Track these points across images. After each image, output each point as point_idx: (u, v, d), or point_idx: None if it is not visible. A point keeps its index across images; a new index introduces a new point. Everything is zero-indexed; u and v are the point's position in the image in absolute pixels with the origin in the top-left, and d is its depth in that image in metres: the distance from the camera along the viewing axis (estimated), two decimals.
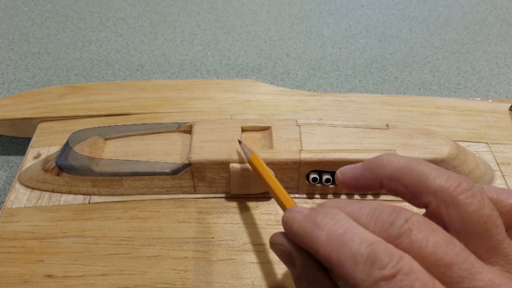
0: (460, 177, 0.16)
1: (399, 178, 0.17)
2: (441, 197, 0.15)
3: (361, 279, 0.14)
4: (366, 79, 0.48)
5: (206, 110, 0.36)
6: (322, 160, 0.27)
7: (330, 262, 0.15)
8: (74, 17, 0.57)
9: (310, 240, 0.16)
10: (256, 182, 0.28)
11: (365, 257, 0.14)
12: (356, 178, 0.19)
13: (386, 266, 0.13)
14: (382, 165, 0.18)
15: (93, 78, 0.47)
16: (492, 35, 0.54)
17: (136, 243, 0.27)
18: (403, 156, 0.17)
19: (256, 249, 0.26)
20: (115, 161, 0.29)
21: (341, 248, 0.15)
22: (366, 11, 0.59)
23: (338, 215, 0.16)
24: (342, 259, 0.14)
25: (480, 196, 0.15)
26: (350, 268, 0.14)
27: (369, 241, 0.14)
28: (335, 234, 0.15)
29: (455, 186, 0.15)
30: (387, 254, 0.14)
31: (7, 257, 0.26)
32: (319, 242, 0.15)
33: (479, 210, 0.15)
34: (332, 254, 0.15)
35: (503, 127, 0.35)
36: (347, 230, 0.15)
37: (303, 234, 0.16)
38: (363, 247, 0.14)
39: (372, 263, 0.14)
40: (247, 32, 0.55)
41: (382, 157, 0.18)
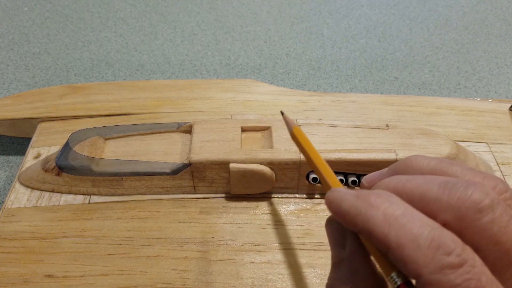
0: (496, 178, 0.15)
1: None
2: None
3: (424, 263, 0.13)
4: (366, 79, 0.48)
5: (206, 110, 0.36)
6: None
7: (386, 243, 0.14)
8: (74, 17, 0.57)
9: (364, 219, 0.15)
10: (256, 182, 0.28)
11: (429, 240, 0.13)
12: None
13: (452, 253, 0.13)
14: (411, 166, 0.17)
15: (93, 78, 0.47)
16: (492, 35, 0.54)
17: (136, 243, 0.27)
18: (432, 157, 0.17)
19: (256, 249, 0.26)
20: (115, 161, 0.29)
21: (401, 230, 0.14)
22: (366, 11, 0.59)
23: (392, 197, 0.15)
24: (402, 240, 0.13)
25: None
26: (411, 251, 0.13)
27: (431, 225, 0.13)
28: (393, 215, 0.14)
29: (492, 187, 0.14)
30: (452, 240, 0.13)
31: (7, 257, 0.26)
32: (375, 221, 0.14)
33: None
34: (390, 235, 0.14)
35: (503, 127, 0.35)
36: (406, 212, 0.14)
37: (355, 213, 0.15)
38: (426, 230, 0.13)
39: (437, 247, 0.13)
40: (247, 32, 0.55)
41: (410, 160, 0.17)
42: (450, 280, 0.12)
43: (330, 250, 0.17)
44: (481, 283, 0.12)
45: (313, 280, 0.25)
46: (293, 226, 0.28)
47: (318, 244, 0.27)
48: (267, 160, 0.27)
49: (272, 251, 0.26)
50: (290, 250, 0.26)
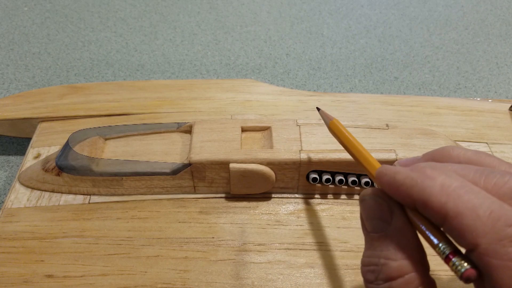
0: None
1: None
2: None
3: (483, 232, 0.13)
4: (366, 79, 0.48)
5: (206, 110, 0.36)
6: (322, 160, 0.27)
7: (444, 212, 0.14)
8: (74, 17, 0.57)
9: (421, 190, 0.14)
10: (256, 182, 0.28)
11: (490, 210, 0.13)
12: None
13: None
14: (449, 155, 0.17)
15: (93, 78, 0.47)
16: (492, 35, 0.54)
17: (136, 243, 0.27)
18: (468, 149, 0.17)
19: (256, 249, 0.26)
20: (115, 161, 0.29)
21: (459, 200, 0.13)
22: (366, 11, 0.59)
23: (448, 171, 0.15)
24: (461, 209, 0.13)
25: None
26: (470, 220, 0.13)
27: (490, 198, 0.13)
28: (451, 186, 0.14)
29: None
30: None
31: (7, 257, 0.26)
32: (432, 191, 0.14)
33: None
34: (448, 204, 0.14)
35: (503, 127, 0.35)
36: (464, 184, 0.14)
37: (412, 184, 0.15)
38: (486, 201, 0.13)
39: (498, 218, 0.13)
40: (247, 32, 0.55)
41: (447, 148, 0.17)
42: (509, 252, 0.12)
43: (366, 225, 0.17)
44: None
45: (313, 280, 0.25)
46: (293, 226, 0.28)
47: (318, 244, 0.27)
48: (267, 160, 0.27)
49: (272, 251, 0.26)
50: (290, 250, 0.26)
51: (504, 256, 0.12)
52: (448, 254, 0.14)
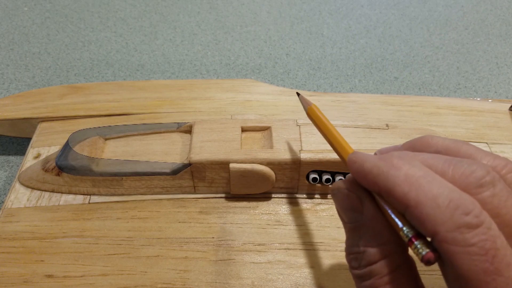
0: (506, 158, 0.16)
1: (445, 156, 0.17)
2: None
3: (442, 221, 0.13)
4: (366, 79, 0.48)
5: (206, 110, 0.36)
6: (322, 160, 0.27)
7: (406, 202, 0.14)
8: (74, 17, 0.57)
9: (385, 178, 0.15)
10: (256, 182, 0.28)
11: (449, 199, 0.13)
12: None
13: (471, 213, 0.13)
14: (427, 143, 0.17)
15: (93, 78, 0.47)
16: (492, 35, 0.54)
17: (136, 243, 0.27)
18: (446, 137, 0.17)
19: (256, 249, 0.26)
20: (115, 161, 0.29)
21: (421, 189, 0.14)
22: (366, 11, 0.59)
23: (414, 160, 0.15)
24: (422, 199, 0.14)
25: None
26: (430, 209, 0.14)
27: (450, 187, 0.14)
28: (414, 176, 0.14)
29: (503, 165, 0.15)
30: (471, 201, 0.13)
31: (7, 257, 0.26)
32: (396, 181, 0.15)
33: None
34: (410, 193, 0.14)
35: (503, 127, 0.35)
36: (427, 174, 0.14)
37: (377, 172, 0.15)
38: (445, 191, 0.14)
39: (456, 207, 0.13)
40: (247, 32, 0.55)
41: (426, 137, 0.18)
42: (466, 239, 0.13)
43: (342, 216, 0.18)
44: (496, 245, 0.13)
45: (313, 280, 0.25)
46: (293, 226, 0.28)
47: (318, 244, 0.27)
48: (267, 160, 0.27)
49: (272, 251, 0.26)
50: (290, 250, 0.26)
51: (462, 242, 0.13)
52: (411, 237, 0.14)
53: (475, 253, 0.13)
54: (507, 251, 0.13)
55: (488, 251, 0.13)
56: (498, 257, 0.13)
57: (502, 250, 0.13)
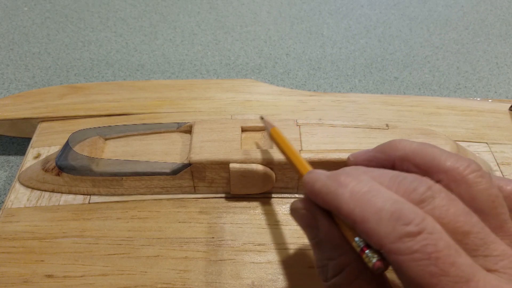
0: (469, 159, 0.17)
1: (411, 159, 0.18)
2: (452, 175, 0.16)
3: (385, 233, 0.14)
4: (366, 79, 0.48)
5: (206, 110, 0.36)
6: (322, 160, 0.27)
7: (352, 218, 0.15)
8: (74, 17, 0.57)
9: (333, 197, 0.16)
10: (256, 182, 0.28)
11: (390, 212, 0.14)
12: (368, 160, 0.19)
13: (411, 223, 0.14)
14: (395, 147, 0.18)
15: (93, 78, 0.47)
16: (492, 35, 0.54)
17: (136, 243, 0.27)
18: (414, 141, 0.18)
19: (256, 249, 0.26)
20: (115, 161, 0.29)
21: (365, 205, 0.15)
22: (366, 11, 0.59)
23: (362, 176, 0.16)
24: (366, 214, 0.15)
25: (488, 177, 0.16)
26: (374, 223, 0.14)
27: (394, 199, 0.15)
28: (359, 192, 0.15)
29: (465, 166, 0.16)
30: (412, 211, 0.14)
31: (7, 257, 0.26)
32: (342, 199, 0.16)
33: (487, 189, 0.16)
34: (355, 210, 0.15)
35: (503, 127, 0.35)
36: (371, 189, 0.15)
37: (326, 192, 0.16)
38: (387, 204, 0.15)
39: (397, 219, 0.14)
40: (247, 32, 0.55)
41: (395, 141, 0.19)
42: (408, 247, 0.14)
43: (305, 234, 0.19)
44: (437, 247, 0.13)
45: (313, 280, 0.25)
46: (293, 226, 0.28)
47: None
48: (267, 160, 0.27)
49: (272, 251, 0.26)
50: (290, 250, 0.26)
51: (406, 251, 0.14)
52: (362, 247, 0.15)
53: (419, 259, 0.13)
54: (450, 251, 0.13)
55: (431, 254, 0.13)
56: (442, 258, 0.13)
57: (445, 250, 0.13)
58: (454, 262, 0.13)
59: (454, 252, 0.14)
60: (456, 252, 0.14)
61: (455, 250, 0.14)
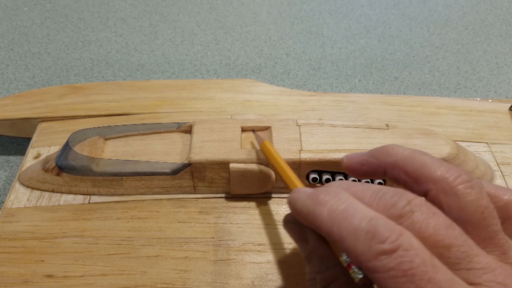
0: (460, 169, 0.16)
1: (402, 166, 0.18)
2: (441, 185, 0.16)
3: (362, 252, 0.14)
4: (366, 79, 0.48)
5: (206, 110, 0.36)
6: (322, 160, 0.27)
7: (332, 237, 0.15)
8: (74, 17, 0.57)
9: (313, 217, 0.16)
10: (256, 182, 0.28)
11: (366, 231, 0.14)
12: (361, 163, 0.20)
13: (386, 240, 0.14)
14: (388, 153, 0.18)
15: (93, 78, 0.47)
16: (492, 35, 0.54)
17: (136, 243, 0.27)
18: (408, 148, 0.18)
19: (256, 249, 0.26)
20: (115, 161, 0.29)
21: (342, 223, 0.15)
22: (366, 11, 0.59)
23: (340, 193, 0.16)
24: (343, 233, 0.15)
25: (478, 188, 0.16)
26: (351, 242, 0.14)
27: (370, 216, 0.15)
28: (336, 210, 0.15)
29: (455, 177, 0.16)
30: (387, 228, 0.14)
31: (7, 257, 0.26)
32: (321, 218, 0.16)
33: (477, 200, 0.16)
34: (333, 229, 0.15)
35: (503, 127, 0.35)
36: (348, 207, 0.15)
37: (306, 211, 0.17)
38: (363, 222, 0.15)
39: (372, 237, 0.14)
40: (247, 32, 0.55)
41: (388, 146, 0.19)
42: (384, 264, 0.14)
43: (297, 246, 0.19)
44: (413, 264, 0.13)
45: None
46: None
47: None
48: (267, 160, 0.27)
49: (272, 251, 0.26)
50: (290, 250, 0.26)
51: (382, 268, 0.14)
52: (349, 263, 0.15)
53: (395, 276, 0.13)
54: (427, 267, 0.13)
55: (407, 271, 0.13)
56: (418, 275, 0.13)
57: (421, 267, 0.13)
58: (431, 278, 0.13)
59: (430, 268, 0.13)
60: (433, 268, 0.13)
61: (432, 265, 0.14)
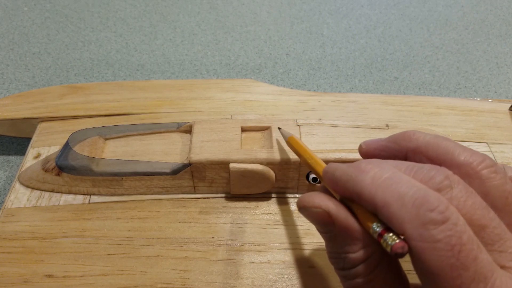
0: (484, 155, 0.16)
1: (424, 151, 0.17)
2: (465, 170, 0.16)
3: (409, 219, 0.14)
4: (366, 79, 0.48)
5: (206, 110, 0.36)
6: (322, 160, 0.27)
7: (374, 203, 0.15)
8: (74, 17, 0.57)
9: (354, 183, 0.16)
10: (256, 182, 0.28)
11: (414, 198, 0.14)
12: (380, 149, 0.19)
13: (436, 209, 0.13)
14: (409, 138, 0.18)
15: (93, 78, 0.47)
16: (492, 35, 0.54)
17: (136, 243, 0.27)
18: (429, 133, 0.18)
19: (256, 249, 0.26)
20: (115, 161, 0.29)
21: (388, 189, 0.15)
22: (366, 11, 0.59)
23: (382, 163, 0.16)
24: (389, 199, 0.14)
25: (503, 173, 0.16)
26: (396, 208, 0.14)
27: (417, 185, 0.14)
28: (381, 177, 0.15)
29: (479, 161, 0.16)
30: (437, 198, 0.14)
31: (7, 257, 0.26)
32: (363, 184, 0.15)
33: (501, 185, 0.15)
34: (377, 194, 0.15)
35: (503, 127, 0.35)
36: (393, 175, 0.15)
37: (347, 179, 0.16)
38: (411, 190, 0.14)
39: (421, 205, 0.14)
40: (247, 32, 0.55)
41: (409, 132, 0.18)
42: (432, 235, 0.13)
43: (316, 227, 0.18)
44: (461, 240, 0.13)
45: (314, 280, 0.25)
46: (293, 226, 0.28)
47: (318, 244, 0.27)
48: (267, 160, 0.27)
49: (272, 251, 0.26)
50: (290, 250, 0.26)
51: (428, 239, 0.13)
52: (380, 232, 0.15)
53: (441, 249, 0.13)
54: (473, 246, 0.13)
55: (454, 246, 0.13)
56: (464, 252, 0.13)
57: (468, 245, 0.13)
58: (476, 257, 0.13)
59: (476, 247, 0.13)
60: (478, 247, 0.13)
61: (478, 245, 0.13)
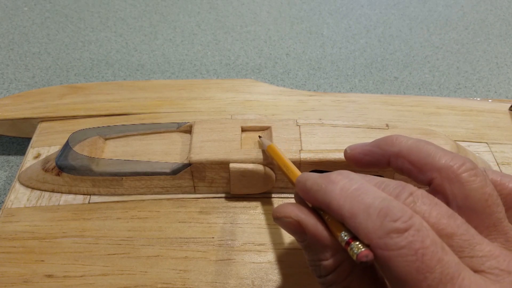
0: (464, 157, 0.17)
1: (406, 155, 0.18)
2: (446, 174, 0.16)
3: (373, 229, 0.14)
4: (366, 79, 0.48)
5: (206, 110, 0.36)
6: (322, 160, 0.27)
7: (341, 214, 0.15)
8: (74, 17, 0.57)
9: (323, 194, 0.16)
10: (256, 182, 0.28)
11: (378, 209, 0.14)
12: (364, 153, 0.20)
13: (399, 219, 0.14)
14: (392, 143, 0.19)
15: (93, 78, 0.47)
16: (492, 35, 0.54)
17: (136, 243, 0.27)
18: (412, 137, 0.18)
19: (256, 249, 0.26)
20: (115, 161, 0.29)
21: (354, 201, 0.15)
22: (366, 11, 0.59)
23: (352, 175, 0.17)
24: (355, 210, 0.15)
25: (483, 176, 0.16)
26: (362, 219, 0.15)
27: (383, 197, 0.15)
28: (349, 189, 0.16)
29: (460, 165, 0.16)
30: (400, 209, 0.14)
31: (7, 257, 0.26)
32: (332, 195, 0.16)
33: (481, 188, 0.16)
34: (345, 206, 0.15)
35: (503, 127, 0.35)
36: (361, 187, 0.16)
37: (317, 189, 0.17)
38: (377, 201, 0.15)
39: (385, 215, 0.14)
40: (247, 32, 0.55)
41: (392, 136, 0.19)
42: (396, 242, 0.14)
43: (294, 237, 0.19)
44: (424, 244, 0.14)
45: (314, 280, 0.25)
46: None
47: None
48: (267, 160, 0.27)
49: (272, 251, 0.26)
50: (290, 250, 0.26)
51: (393, 246, 0.14)
52: (347, 240, 0.15)
53: (405, 254, 0.14)
54: (437, 248, 0.14)
55: (417, 250, 0.13)
56: (428, 255, 0.13)
57: (432, 247, 0.14)
58: (440, 259, 0.13)
59: (441, 250, 0.14)
60: (442, 249, 0.14)
61: (441, 247, 0.14)
